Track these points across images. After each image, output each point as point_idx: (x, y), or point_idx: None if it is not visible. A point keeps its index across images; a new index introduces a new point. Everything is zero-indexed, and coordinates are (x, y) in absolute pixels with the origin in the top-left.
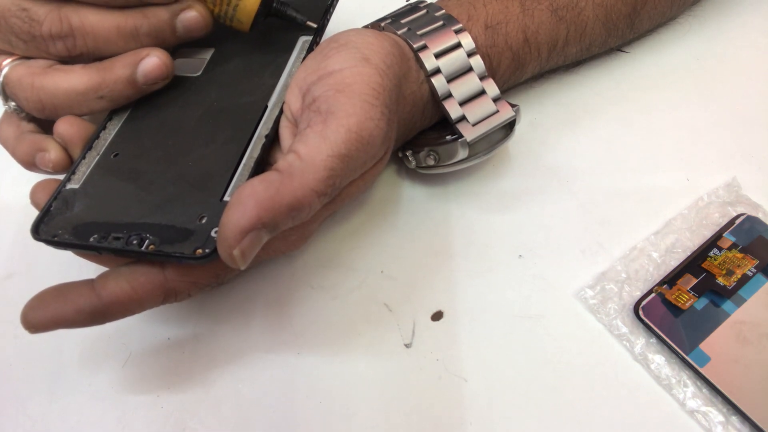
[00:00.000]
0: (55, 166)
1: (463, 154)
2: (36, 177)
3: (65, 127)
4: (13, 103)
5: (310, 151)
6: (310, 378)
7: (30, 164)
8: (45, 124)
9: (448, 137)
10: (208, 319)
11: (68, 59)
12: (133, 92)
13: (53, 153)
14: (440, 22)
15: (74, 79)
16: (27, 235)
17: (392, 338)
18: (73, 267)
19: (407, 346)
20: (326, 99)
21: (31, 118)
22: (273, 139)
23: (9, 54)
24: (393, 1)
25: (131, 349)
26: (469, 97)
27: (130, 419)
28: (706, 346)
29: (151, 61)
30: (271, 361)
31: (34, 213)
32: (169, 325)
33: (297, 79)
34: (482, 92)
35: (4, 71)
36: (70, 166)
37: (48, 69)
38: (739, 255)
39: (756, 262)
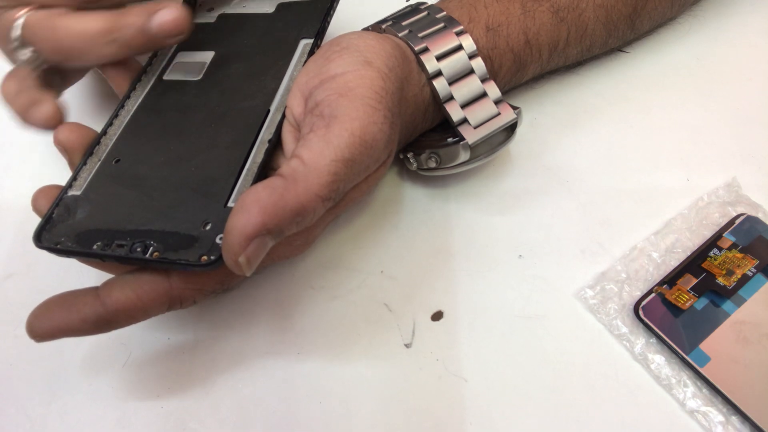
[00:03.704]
0: (46, 121)
1: (464, 156)
2: (36, 176)
3: (66, 133)
4: (29, 50)
5: (314, 156)
6: (310, 378)
7: (24, 117)
8: (53, 84)
9: (450, 140)
10: (208, 320)
11: (88, 5)
12: (145, 42)
13: (46, 106)
14: (441, 24)
15: (89, 22)
16: (27, 235)
17: (392, 338)
18: (74, 267)
19: (407, 346)
20: (329, 103)
21: (40, 73)
22: (276, 144)
23: (26, 5)
24: (393, 3)
25: (131, 349)
26: (471, 100)
27: (130, 419)
28: (706, 346)
29: (167, 13)
30: (271, 361)
31: (34, 213)
32: (169, 325)
33: (299, 83)
34: (484, 94)
35: (23, 18)
36: (61, 123)
37: (66, 12)
38: (739, 255)
39: (756, 262)
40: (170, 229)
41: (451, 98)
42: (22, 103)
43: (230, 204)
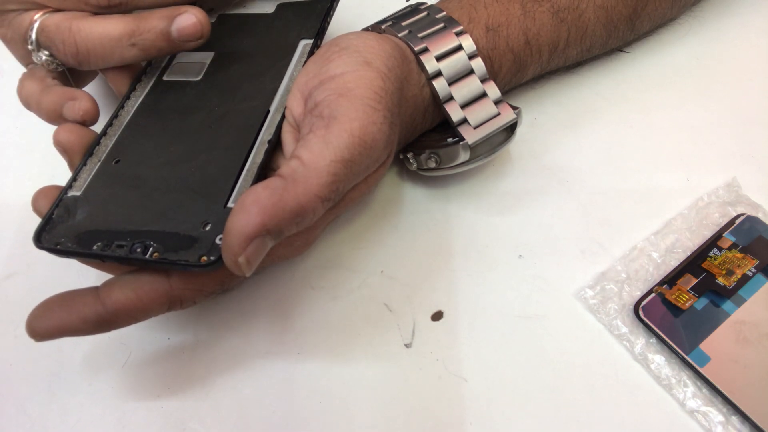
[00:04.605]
0: (85, 114)
1: (464, 156)
2: (36, 176)
3: (65, 134)
4: (45, 53)
5: (314, 157)
6: (310, 378)
7: (56, 115)
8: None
9: (450, 140)
10: (208, 320)
11: (105, 10)
12: (165, 45)
13: (83, 102)
14: (441, 25)
15: (110, 25)
16: (27, 235)
17: (392, 338)
18: (74, 267)
19: (407, 346)
20: (328, 103)
21: (56, 74)
22: (276, 145)
23: (42, 8)
24: (393, 3)
25: (131, 349)
26: (471, 100)
27: (130, 419)
28: (706, 346)
29: (188, 18)
30: (271, 361)
31: (35, 213)
32: (169, 325)
33: (298, 83)
34: (483, 95)
35: (39, 21)
36: (97, 117)
37: (85, 15)
38: (739, 255)
39: (756, 262)
40: (170, 229)
41: (450, 98)
42: (53, 100)
43: (230, 204)
